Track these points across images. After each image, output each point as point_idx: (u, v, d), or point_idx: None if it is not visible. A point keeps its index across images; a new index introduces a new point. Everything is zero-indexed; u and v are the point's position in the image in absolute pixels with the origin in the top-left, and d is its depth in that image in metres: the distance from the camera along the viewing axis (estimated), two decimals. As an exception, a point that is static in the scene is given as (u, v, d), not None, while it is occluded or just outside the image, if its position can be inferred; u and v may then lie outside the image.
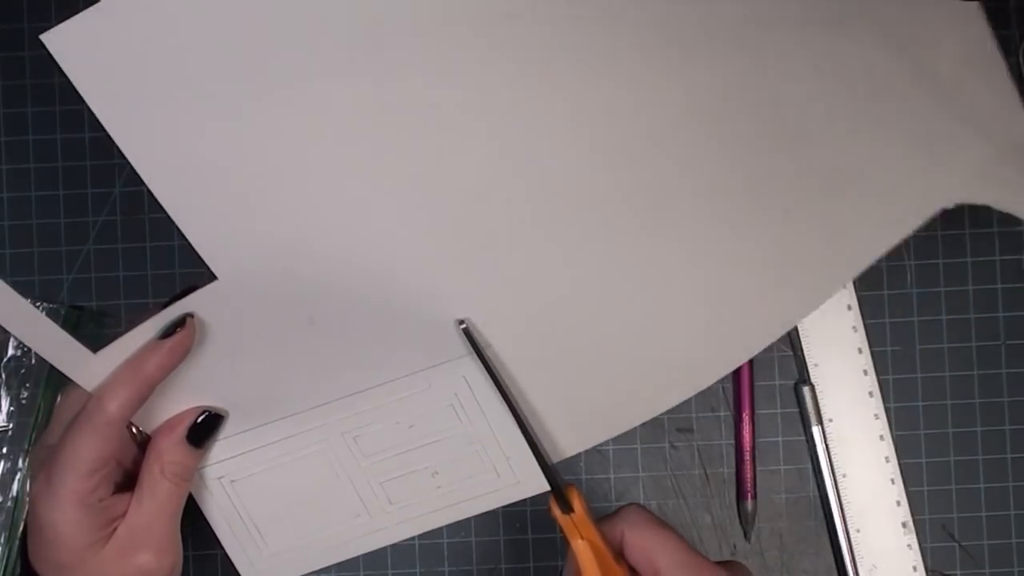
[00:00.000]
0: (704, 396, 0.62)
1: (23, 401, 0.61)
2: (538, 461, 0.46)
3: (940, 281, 0.62)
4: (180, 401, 0.46)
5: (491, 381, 0.45)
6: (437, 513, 0.49)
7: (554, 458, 0.49)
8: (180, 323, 0.44)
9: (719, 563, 0.43)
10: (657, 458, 0.62)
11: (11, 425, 0.61)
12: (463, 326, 0.45)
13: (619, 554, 0.44)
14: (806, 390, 0.61)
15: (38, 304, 0.61)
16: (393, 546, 0.62)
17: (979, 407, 0.62)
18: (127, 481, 0.46)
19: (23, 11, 0.62)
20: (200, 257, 0.43)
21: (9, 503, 0.60)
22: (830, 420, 0.62)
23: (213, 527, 0.49)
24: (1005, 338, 0.62)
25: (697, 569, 0.42)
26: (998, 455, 0.62)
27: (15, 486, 0.60)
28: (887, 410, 0.62)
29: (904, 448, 0.62)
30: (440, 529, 0.62)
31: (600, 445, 0.62)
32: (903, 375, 0.62)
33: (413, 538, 0.62)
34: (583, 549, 0.43)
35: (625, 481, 0.62)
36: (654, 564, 0.42)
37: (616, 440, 0.62)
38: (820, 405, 0.62)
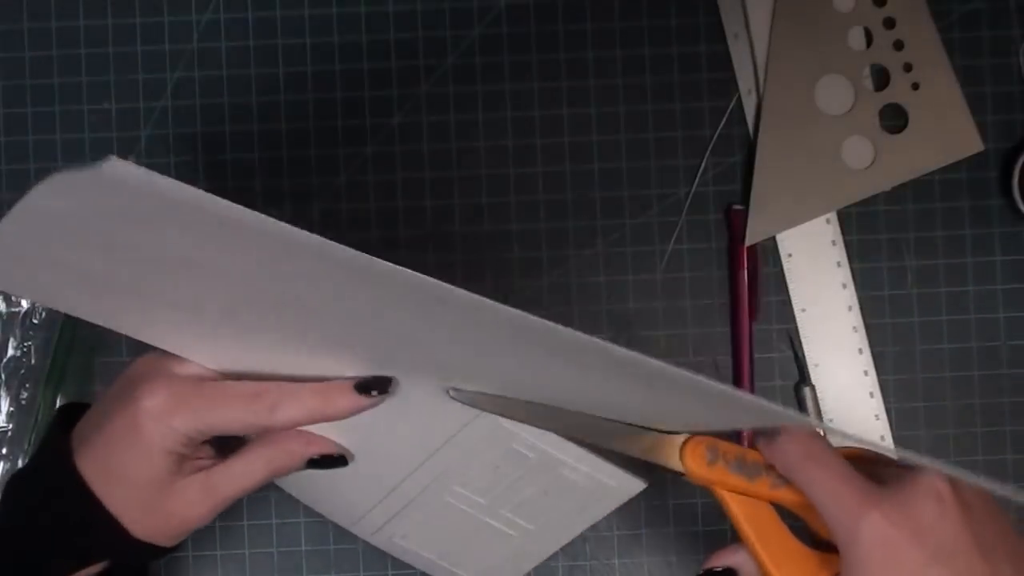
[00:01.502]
0: (704, 396, 0.62)
1: (23, 401, 0.61)
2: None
3: (940, 282, 0.62)
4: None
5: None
6: (568, 523, 0.52)
7: None
8: (383, 386, 0.45)
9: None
10: (657, 458, 0.62)
11: (11, 425, 0.61)
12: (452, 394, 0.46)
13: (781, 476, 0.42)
14: (806, 391, 0.61)
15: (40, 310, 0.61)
16: (393, 546, 0.62)
17: (979, 407, 0.62)
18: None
19: (23, 11, 0.62)
20: None
21: (9, 503, 0.60)
22: (830, 420, 0.62)
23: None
24: (1005, 339, 0.62)
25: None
26: (998, 456, 0.62)
27: (15, 486, 0.60)
28: (887, 410, 0.62)
29: (904, 448, 0.62)
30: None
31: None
32: (903, 376, 0.62)
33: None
34: (721, 496, 0.42)
35: (625, 481, 0.62)
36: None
37: (616, 440, 0.62)
38: (820, 405, 0.62)
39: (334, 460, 0.48)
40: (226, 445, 0.47)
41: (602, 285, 0.62)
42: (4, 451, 0.60)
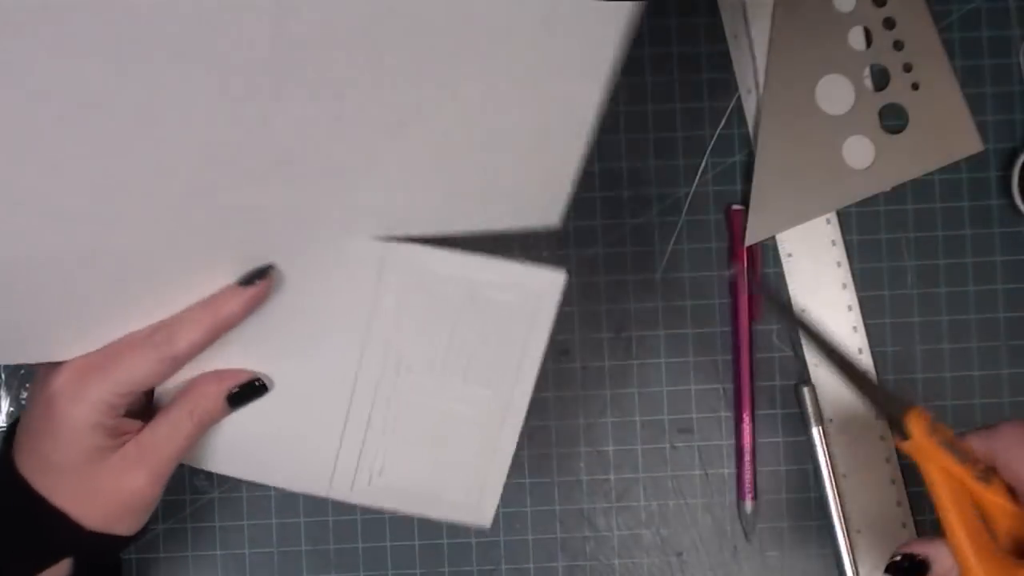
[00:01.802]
0: (704, 396, 0.62)
1: (23, 401, 0.61)
2: (863, 390, 0.44)
3: (940, 282, 0.62)
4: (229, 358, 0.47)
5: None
6: (519, 365, 0.49)
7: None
8: (262, 273, 0.44)
9: None
10: (657, 458, 0.62)
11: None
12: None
13: (990, 471, 0.41)
14: (806, 390, 0.62)
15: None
16: (393, 546, 0.62)
17: (979, 407, 0.62)
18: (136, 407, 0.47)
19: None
20: None
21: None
22: (830, 420, 0.62)
23: (420, 514, 0.51)
24: (1005, 339, 0.62)
25: None
26: (998, 455, 0.62)
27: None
28: (887, 410, 0.62)
29: (904, 448, 0.62)
30: (440, 529, 0.62)
31: (600, 445, 0.62)
32: (903, 376, 0.62)
33: (413, 538, 0.62)
34: (931, 474, 0.41)
35: (625, 481, 0.62)
36: None
37: (616, 440, 0.62)
38: (820, 405, 0.62)
39: (254, 388, 0.47)
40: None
41: (602, 285, 0.62)
42: (4, 451, 0.60)
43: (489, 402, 0.49)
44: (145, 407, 0.48)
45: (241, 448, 0.50)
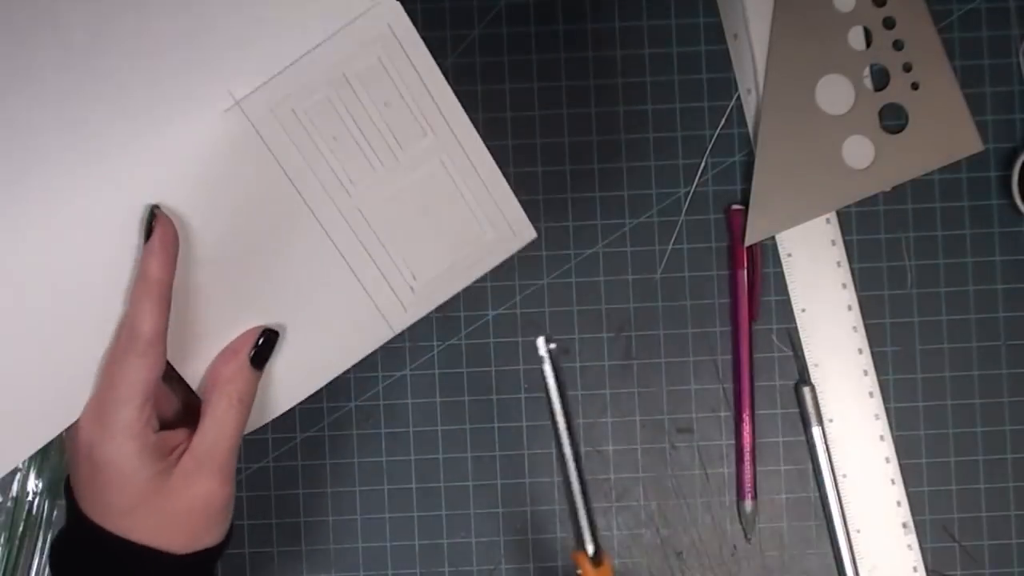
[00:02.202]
0: (704, 396, 0.62)
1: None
2: (584, 519, 0.46)
3: (940, 282, 0.62)
4: (219, 331, 0.47)
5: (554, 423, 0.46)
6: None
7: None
8: (151, 218, 0.43)
9: None
10: (657, 458, 0.62)
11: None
12: (551, 347, 0.45)
13: None
14: (806, 390, 0.62)
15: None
16: (393, 546, 0.62)
17: (979, 407, 0.62)
18: (164, 424, 0.46)
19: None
20: None
21: (9, 503, 0.60)
22: (830, 420, 0.62)
23: (481, 272, 0.50)
24: (1005, 339, 0.62)
25: None
26: (998, 456, 0.62)
27: (15, 486, 0.60)
28: (887, 410, 0.62)
29: (904, 448, 0.62)
30: (440, 529, 0.62)
31: (600, 445, 0.62)
32: (903, 375, 0.62)
33: (413, 538, 0.62)
34: None
35: (625, 481, 0.62)
36: None
37: (616, 440, 0.62)
38: (820, 405, 0.62)
39: (267, 340, 0.47)
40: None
41: (602, 285, 0.62)
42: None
43: (436, 145, 0.48)
44: (184, 412, 0.48)
45: (294, 368, 0.49)
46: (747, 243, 0.61)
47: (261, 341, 0.46)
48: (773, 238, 0.62)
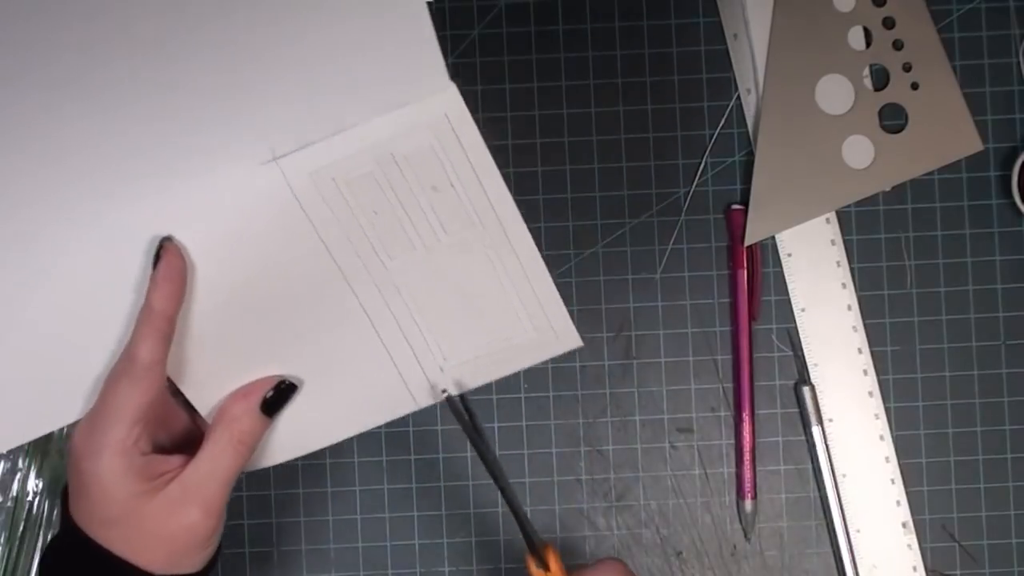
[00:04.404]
0: (704, 396, 0.62)
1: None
2: (517, 520, 0.45)
3: (940, 281, 0.62)
4: (241, 371, 0.47)
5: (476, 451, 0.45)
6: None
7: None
8: (160, 248, 0.44)
9: None
10: (657, 458, 0.62)
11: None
12: (445, 395, 0.45)
13: None
14: (806, 390, 0.62)
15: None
16: (393, 546, 0.62)
17: (979, 407, 0.62)
18: (170, 442, 0.47)
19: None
20: None
21: (9, 503, 0.60)
22: (830, 420, 0.62)
23: (513, 370, 0.49)
24: (1005, 338, 0.62)
25: None
26: (998, 455, 0.62)
27: (15, 486, 0.60)
28: (887, 410, 0.62)
29: (904, 448, 0.62)
30: (440, 529, 0.62)
31: (600, 445, 0.62)
32: (903, 375, 0.62)
33: (413, 538, 0.62)
34: None
35: (625, 481, 0.62)
36: None
37: (616, 440, 0.62)
38: (820, 405, 0.62)
39: (284, 390, 0.47)
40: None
41: (602, 285, 0.62)
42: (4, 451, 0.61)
43: (483, 237, 0.46)
44: (188, 436, 0.48)
45: (305, 422, 0.48)
46: (747, 243, 0.61)
47: (277, 390, 0.47)
48: (773, 238, 0.62)
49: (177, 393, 0.47)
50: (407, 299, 0.47)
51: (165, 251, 0.44)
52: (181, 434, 0.48)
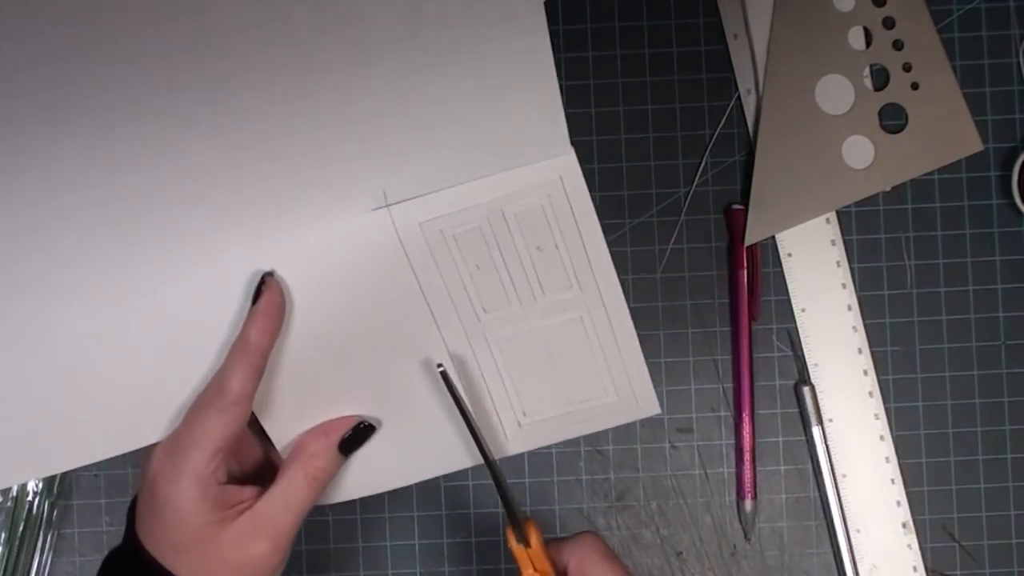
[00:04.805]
0: (704, 396, 0.62)
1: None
2: (500, 491, 0.45)
3: (940, 281, 0.62)
4: (322, 409, 0.47)
5: (467, 427, 0.45)
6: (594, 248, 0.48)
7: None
8: (262, 283, 0.44)
9: None
10: (657, 458, 0.62)
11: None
12: (440, 369, 0.45)
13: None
14: (806, 390, 0.62)
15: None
16: (393, 546, 0.62)
17: (979, 407, 0.62)
18: (241, 473, 0.47)
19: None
20: None
21: (9, 503, 0.60)
22: (830, 420, 0.62)
23: (588, 431, 0.50)
24: (1005, 338, 0.62)
25: None
26: (998, 455, 0.62)
27: (15, 486, 0.60)
28: (887, 410, 0.62)
29: (904, 448, 0.62)
30: (440, 529, 0.62)
31: (600, 445, 0.62)
32: (903, 375, 0.62)
33: (413, 538, 0.62)
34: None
35: (625, 481, 0.62)
36: None
37: (616, 440, 0.62)
38: (820, 405, 0.62)
39: (362, 431, 0.47)
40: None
41: (602, 285, 0.62)
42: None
43: (579, 300, 0.47)
44: (262, 468, 0.48)
45: (373, 464, 0.49)
46: (747, 243, 0.61)
47: (356, 430, 0.47)
48: (773, 238, 0.62)
49: (252, 423, 0.47)
50: (495, 352, 0.48)
51: (267, 287, 0.44)
52: (252, 465, 0.48)
